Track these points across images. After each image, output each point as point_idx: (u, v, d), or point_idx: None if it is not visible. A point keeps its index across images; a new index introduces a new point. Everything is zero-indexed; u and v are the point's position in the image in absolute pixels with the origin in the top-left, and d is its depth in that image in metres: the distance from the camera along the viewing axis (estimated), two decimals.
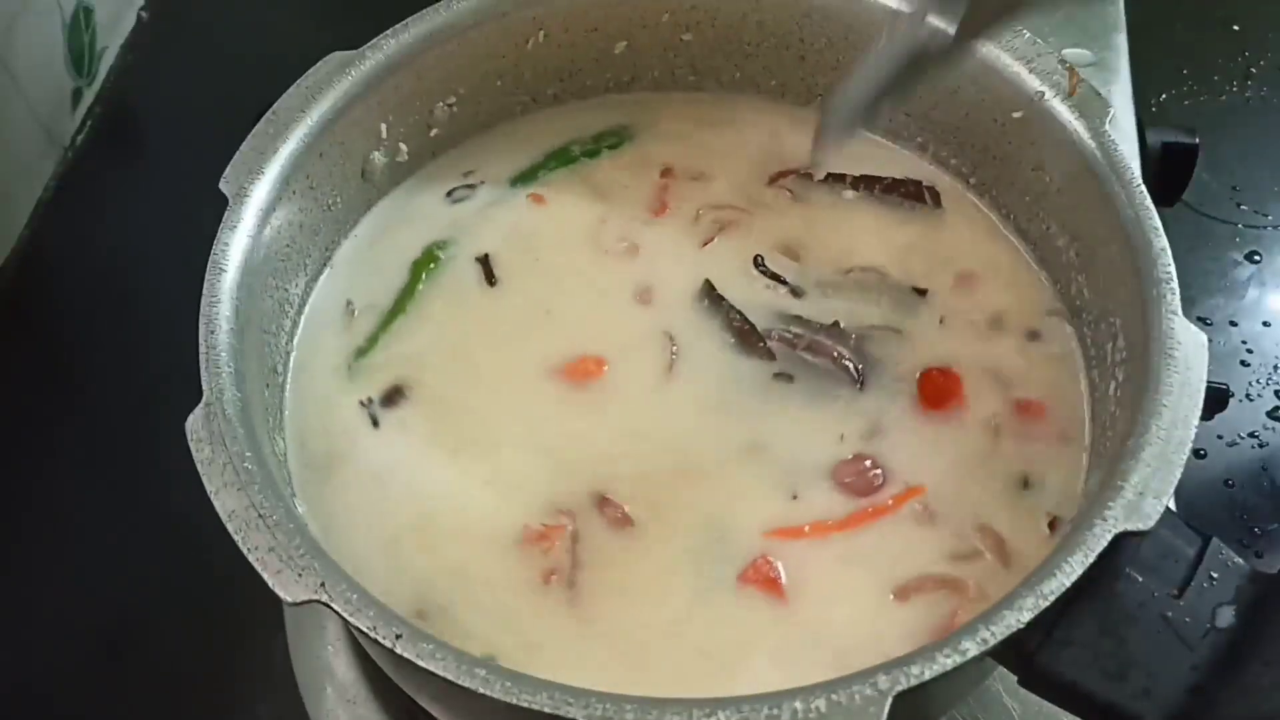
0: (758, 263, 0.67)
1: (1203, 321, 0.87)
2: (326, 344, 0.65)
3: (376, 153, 0.69)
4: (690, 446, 0.61)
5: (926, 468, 0.60)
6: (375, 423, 0.62)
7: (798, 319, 0.65)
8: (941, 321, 0.65)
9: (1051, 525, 0.58)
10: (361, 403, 0.63)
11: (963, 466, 0.60)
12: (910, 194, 0.70)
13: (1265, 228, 0.93)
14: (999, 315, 0.65)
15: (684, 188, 0.71)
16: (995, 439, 0.61)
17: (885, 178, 0.70)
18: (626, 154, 0.73)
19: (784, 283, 0.66)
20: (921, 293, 0.66)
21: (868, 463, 0.60)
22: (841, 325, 0.64)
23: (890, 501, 0.59)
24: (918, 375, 0.63)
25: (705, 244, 0.68)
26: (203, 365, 0.55)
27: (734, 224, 0.69)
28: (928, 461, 0.60)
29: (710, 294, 0.66)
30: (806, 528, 0.58)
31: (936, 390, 0.62)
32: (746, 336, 0.64)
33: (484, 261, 0.68)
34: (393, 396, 0.63)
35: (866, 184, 0.70)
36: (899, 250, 0.68)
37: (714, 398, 0.63)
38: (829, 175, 0.70)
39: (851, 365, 0.63)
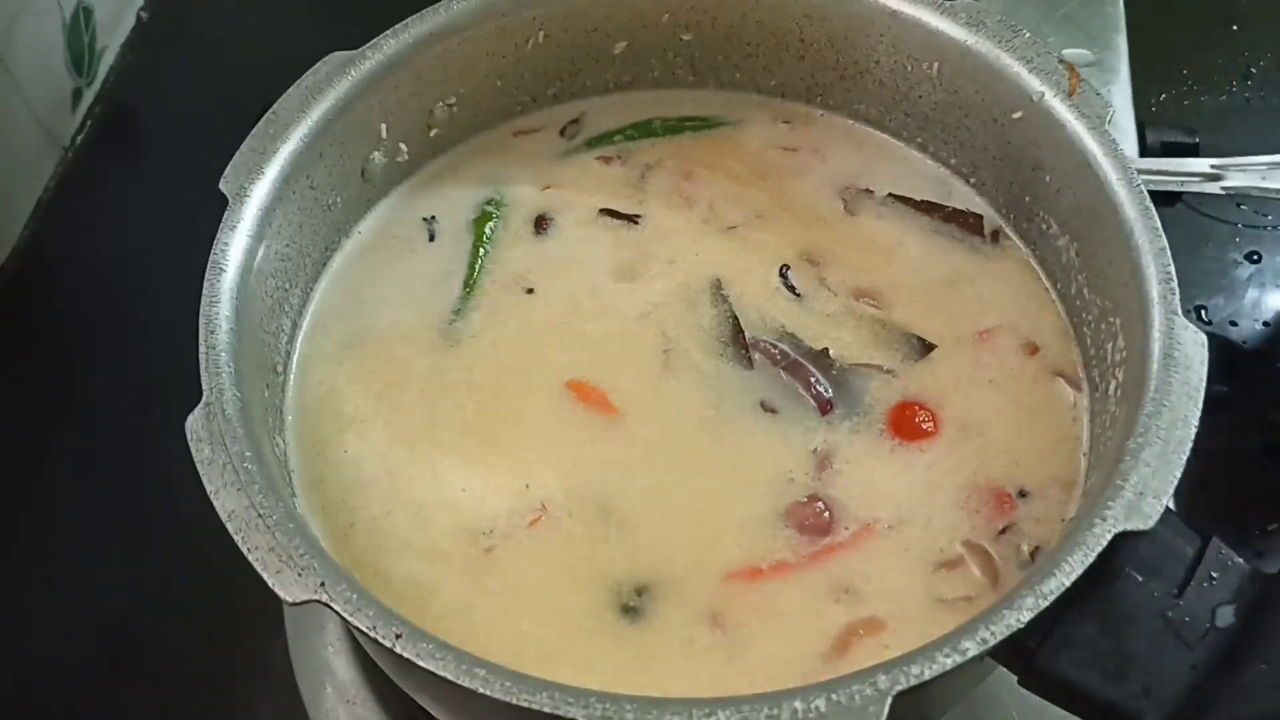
0: (783, 272, 0.67)
1: (1203, 321, 0.87)
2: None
3: (376, 153, 0.69)
4: (662, 469, 0.61)
5: (888, 502, 0.59)
6: None
7: (790, 336, 0.65)
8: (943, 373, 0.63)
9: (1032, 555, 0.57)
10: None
11: (927, 500, 0.59)
12: (969, 226, 0.69)
13: (1265, 228, 0.93)
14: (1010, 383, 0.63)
15: (740, 181, 0.71)
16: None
17: (946, 206, 0.69)
18: (706, 138, 0.74)
19: (796, 293, 0.66)
20: (929, 346, 0.64)
21: (820, 504, 0.59)
22: (830, 354, 0.64)
23: (847, 538, 0.58)
24: (891, 406, 0.62)
25: (731, 229, 0.69)
26: (203, 365, 0.55)
27: (777, 222, 0.69)
28: (890, 496, 0.59)
29: (716, 291, 0.66)
30: (765, 568, 0.57)
31: (909, 424, 0.61)
32: (732, 340, 0.64)
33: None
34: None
35: (926, 209, 0.69)
36: (933, 285, 0.67)
37: (694, 412, 0.62)
38: (889, 195, 0.70)
39: (821, 394, 0.62)
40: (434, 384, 0.64)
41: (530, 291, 0.67)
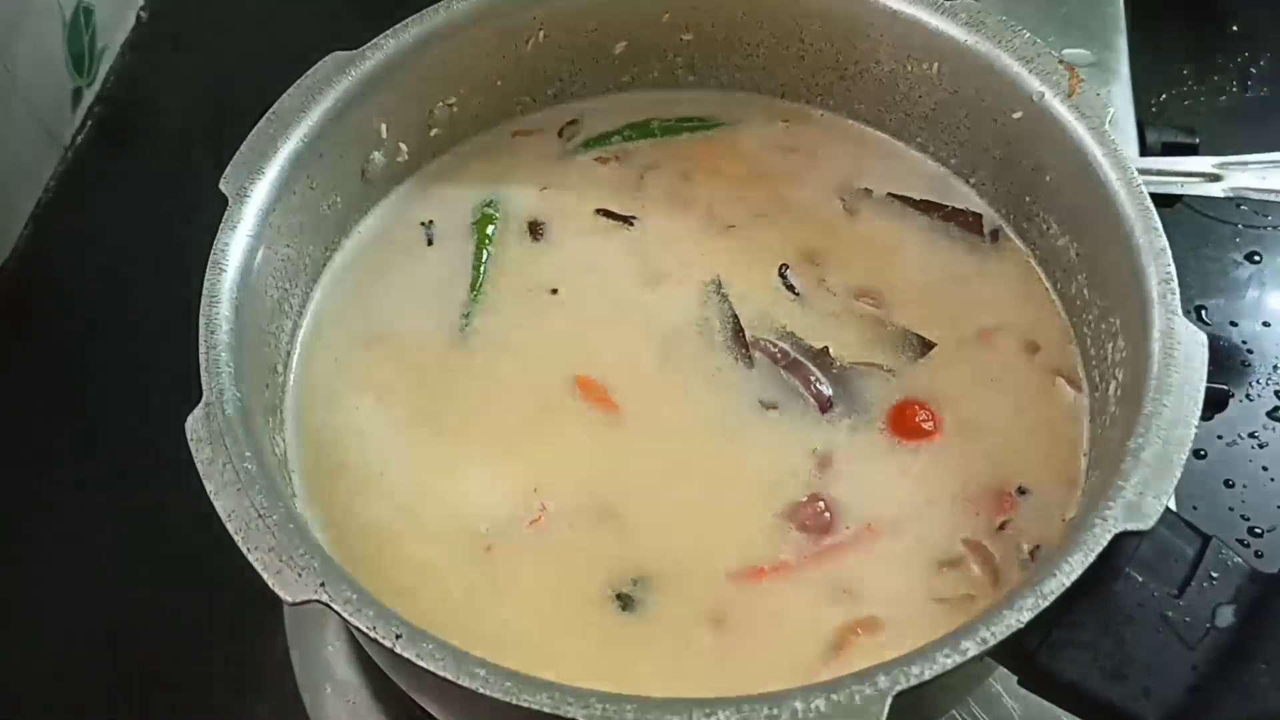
0: (782, 272, 0.67)
1: (1203, 321, 0.87)
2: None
3: (376, 153, 0.69)
4: (662, 467, 0.61)
5: (888, 501, 0.59)
6: None
7: (790, 335, 0.65)
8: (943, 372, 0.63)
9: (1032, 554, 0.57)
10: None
11: (928, 499, 0.59)
12: (969, 226, 0.68)
13: (1265, 228, 0.93)
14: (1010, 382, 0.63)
15: (739, 181, 0.71)
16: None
17: (946, 205, 0.69)
18: (705, 139, 0.74)
19: (795, 293, 0.66)
20: (929, 346, 0.64)
21: (820, 504, 0.59)
22: (831, 353, 0.64)
23: (849, 538, 0.58)
24: (891, 405, 0.62)
25: (730, 229, 0.69)
26: (203, 365, 0.55)
27: (777, 222, 0.69)
28: (890, 495, 0.59)
29: (716, 291, 0.66)
30: (767, 568, 0.57)
31: (909, 423, 0.61)
32: (732, 339, 0.64)
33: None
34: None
35: (926, 209, 0.69)
36: (933, 284, 0.67)
37: (695, 410, 0.62)
38: (889, 194, 0.70)
39: (821, 392, 0.62)
40: (438, 382, 0.64)
41: (531, 292, 0.67)
